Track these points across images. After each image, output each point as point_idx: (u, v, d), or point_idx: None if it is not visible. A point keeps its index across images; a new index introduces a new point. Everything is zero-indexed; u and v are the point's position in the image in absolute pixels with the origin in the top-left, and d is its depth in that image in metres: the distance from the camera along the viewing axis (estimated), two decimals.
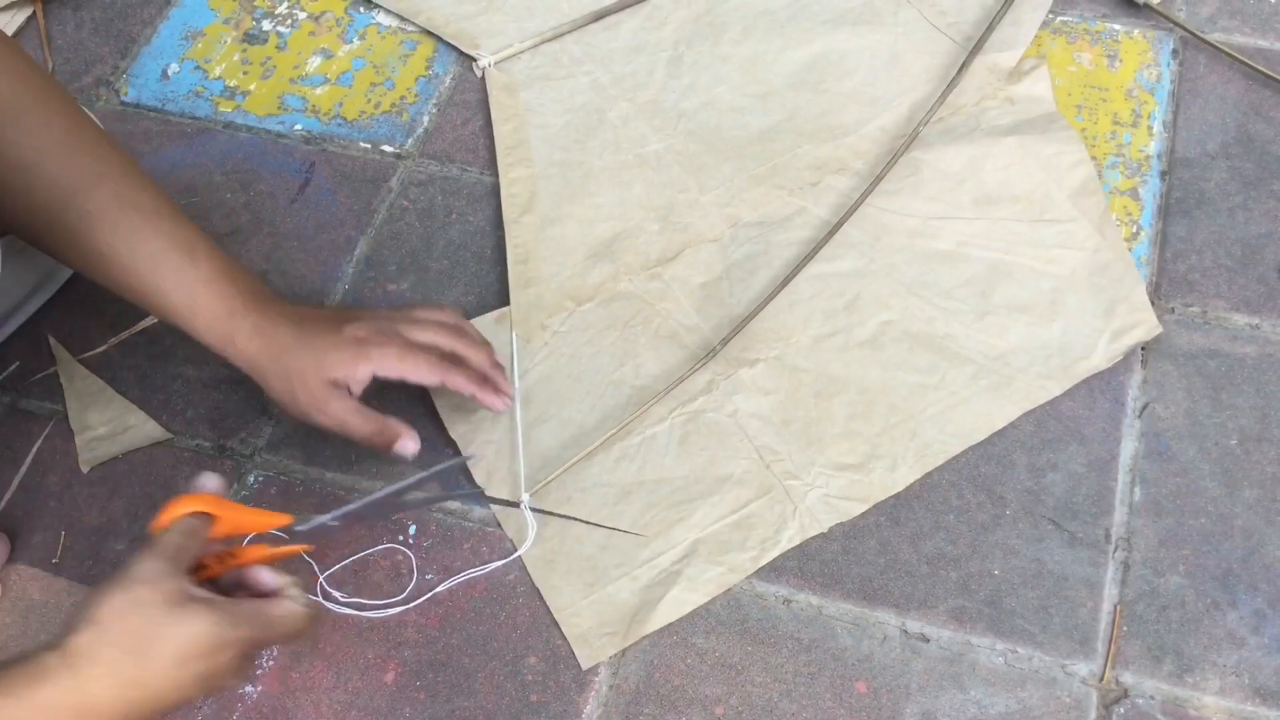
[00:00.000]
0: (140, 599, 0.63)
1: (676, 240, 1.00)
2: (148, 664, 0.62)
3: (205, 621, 0.64)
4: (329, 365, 0.79)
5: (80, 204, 0.77)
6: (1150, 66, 1.06)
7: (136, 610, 0.63)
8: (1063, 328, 0.91)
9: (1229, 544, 0.82)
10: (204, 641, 0.64)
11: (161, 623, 0.63)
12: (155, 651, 0.62)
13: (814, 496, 0.86)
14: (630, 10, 1.15)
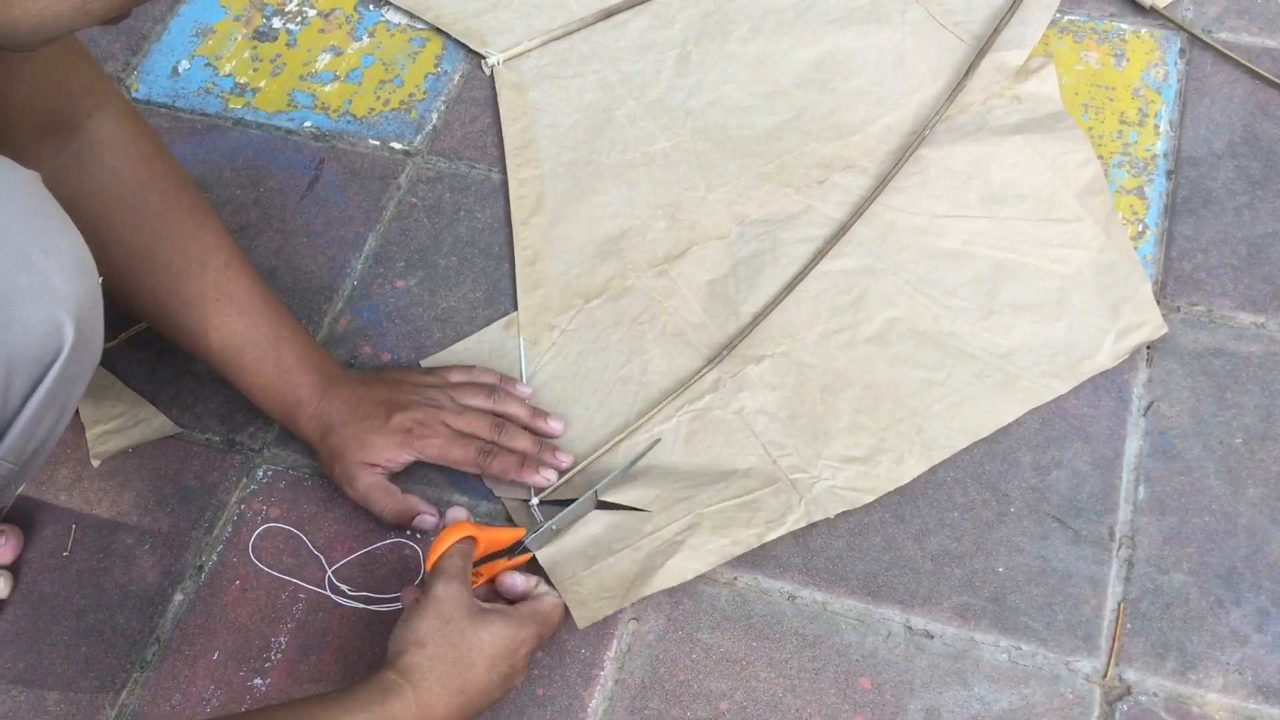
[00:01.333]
0: (448, 617, 0.73)
1: (684, 238, 1.00)
2: (467, 671, 0.72)
3: (503, 626, 0.74)
4: (373, 451, 0.86)
5: (181, 290, 0.85)
6: (1157, 66, 1.06)
7: (448, 627, 0.73)
8: (1068, 327, 0.92)
9: (1233, 542, 0.83)
10: (506, 644, 0.74)
11: (470, 634, 0.73)
12: (471, 659, 0.72)
13: (820, 488, 0.86)
14: (638, 9, 1.15)
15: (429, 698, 0.70)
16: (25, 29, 0.58)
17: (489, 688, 0.73)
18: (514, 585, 0.80)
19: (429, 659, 0.71)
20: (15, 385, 0.65)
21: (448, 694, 0.71)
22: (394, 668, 0.71)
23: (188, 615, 0.86)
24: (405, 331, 0.98)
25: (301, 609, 0.85)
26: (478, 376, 0.92)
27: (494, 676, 0.73)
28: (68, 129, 0.82)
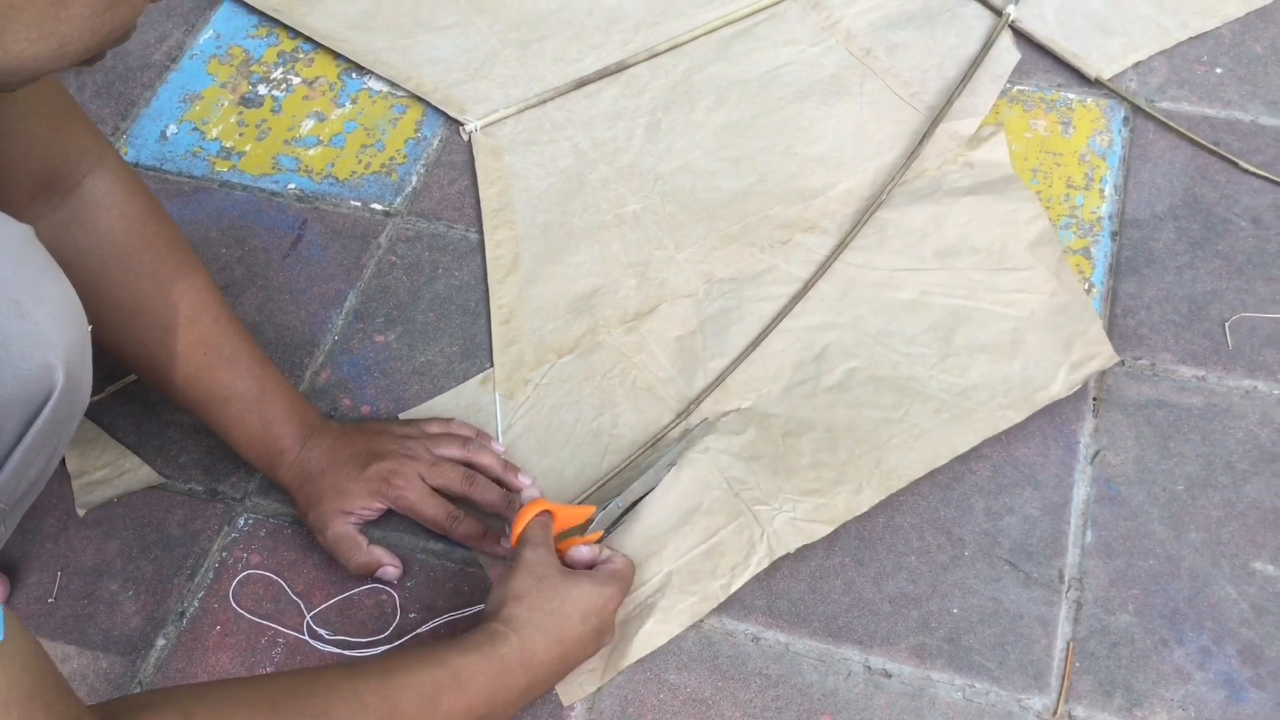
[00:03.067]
0: (540, 575, 0.79)
1: (653, 296, 1.05)
2: (563, 622, 0.78)
3: (591, 583, 0.81)
4: (348, 499, 0.89)
5: (171, 344, 0.88)
6: (1102, 133, 1.12)
7: (542, 584, 0.79)
8: (1023, 363, 0.96)
9: (1176, 584, 0.87)
10: (595, 599, 0.80)
11: (563, 590, 0.79)
12: (566, 611, 0.78)
13: (781, 520, 0.89)
14: (610, 79, 1.20)
15: (531, 643, 0.77)
16: (4, 70, 0.61)
17: (584, 639, 0.80)
18: (582, 556, 0.85)
19: (528, 610, 0.78)
20: (7, 427, 0.67)
21: (547, 641, 0.77)
22: (496, 619, 0.77)
23: (169, 660, 0.88)
24: (384, 385, 1.02)
25: (280, 653, 0.88)
26: (455, 429, 0.95)
27: (587, 629, 0.80)
28: (64, 188, 0.85)
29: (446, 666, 0.73)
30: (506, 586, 0.79)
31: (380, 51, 1.25)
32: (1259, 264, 1.02)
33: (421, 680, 0.72)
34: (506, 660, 0.75)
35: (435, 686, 0.72)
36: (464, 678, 0.73)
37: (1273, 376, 0.96)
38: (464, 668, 0.73)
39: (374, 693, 0.69)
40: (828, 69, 1.18)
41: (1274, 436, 0.92)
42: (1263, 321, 0.99)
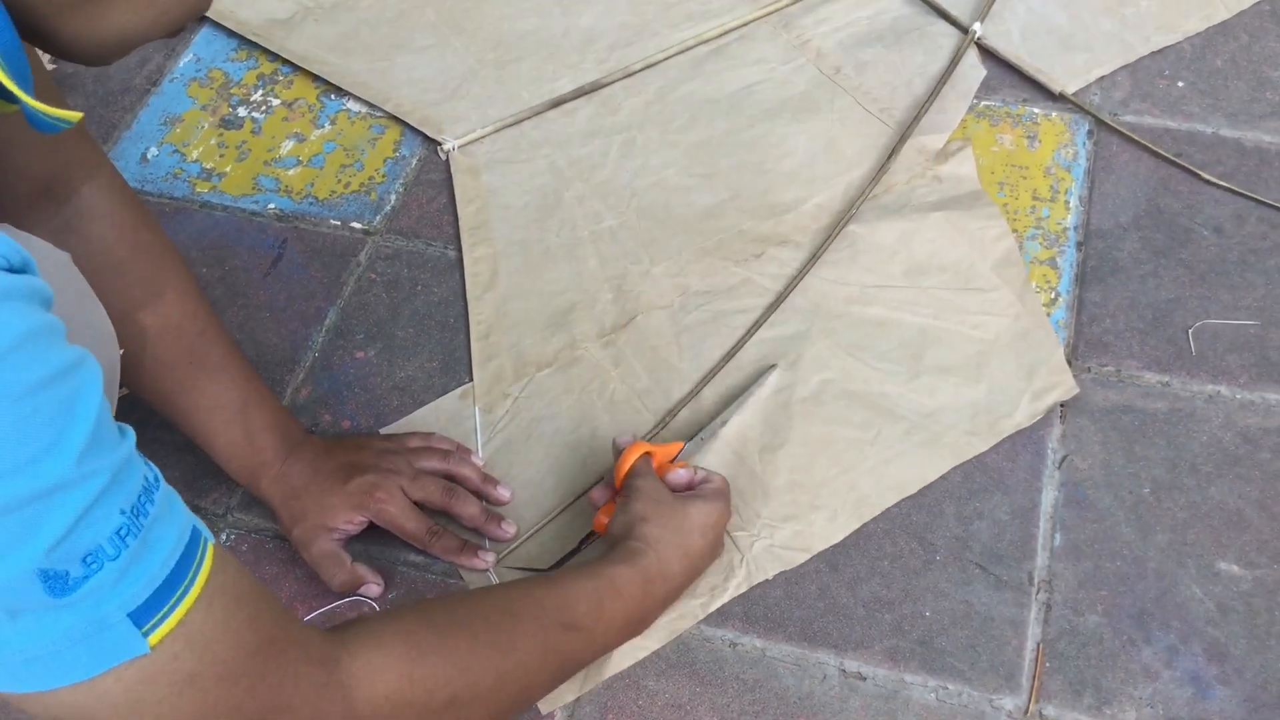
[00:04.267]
0: (658, 499, 0.86)
1: (629, 309, 1.06)
2: (687, 537, 0.85)
3: (702, 502, 0.87)
4: (331, 513, 0.90)
5: (158, 352, 0.89)
6: (1067, 146, 1.14)
7: (661, 506, 0.86)
8: (988, 388, 0.98)
9: (1143, 585, 0.88)
10: (709, 516, 0.86)
11: (681, 510, 0.86)
12: (688, 528, 0.85)
13: (760, 546, 0.91)
14: (586, 98, 1.22)
15: (665, 556, 0.83)
16: (111, 42, 0.62)
17: (704, 552, 0.86)
18: (680, 479, 0.90)
19: (656, 529, 0.84)
20: None
21: (677, 555, 0.84)
22: (634, 537, 0.83)
23: None
24: (364, 400, 1.03)
25: None
26: (435, 443, 0.97)
27: (706, 543, 0.86)
28: (61, 196, 0.86)
29: (603, 576, 0.80)
30: (629, 514, 0.85)
31: (358, 73, 1.26)
32: (1221, 272, 1.04)
33: (584, 587, 0.79)
34: (649, 571, 0.82)
35: (597, 592, 0.79)
36: (618, 585, 0.80)
37: (1235, 381, 0.98)
38: (617, 576, 0.80)
39: (552, 600, 0.77)
40: (798, 87, 1.21)
41: (1237, 440, 0.95)
42: (1225, 328, 1.01)
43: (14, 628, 0.51)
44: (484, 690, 0.71)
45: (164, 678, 0.55)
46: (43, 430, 0.49)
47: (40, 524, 0.49)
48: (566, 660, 0.79)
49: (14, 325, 0.49)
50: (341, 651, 0.65)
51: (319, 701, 0.62)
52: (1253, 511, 0.91)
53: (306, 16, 1.32)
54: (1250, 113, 1.15)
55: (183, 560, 0.55)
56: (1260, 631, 0.86)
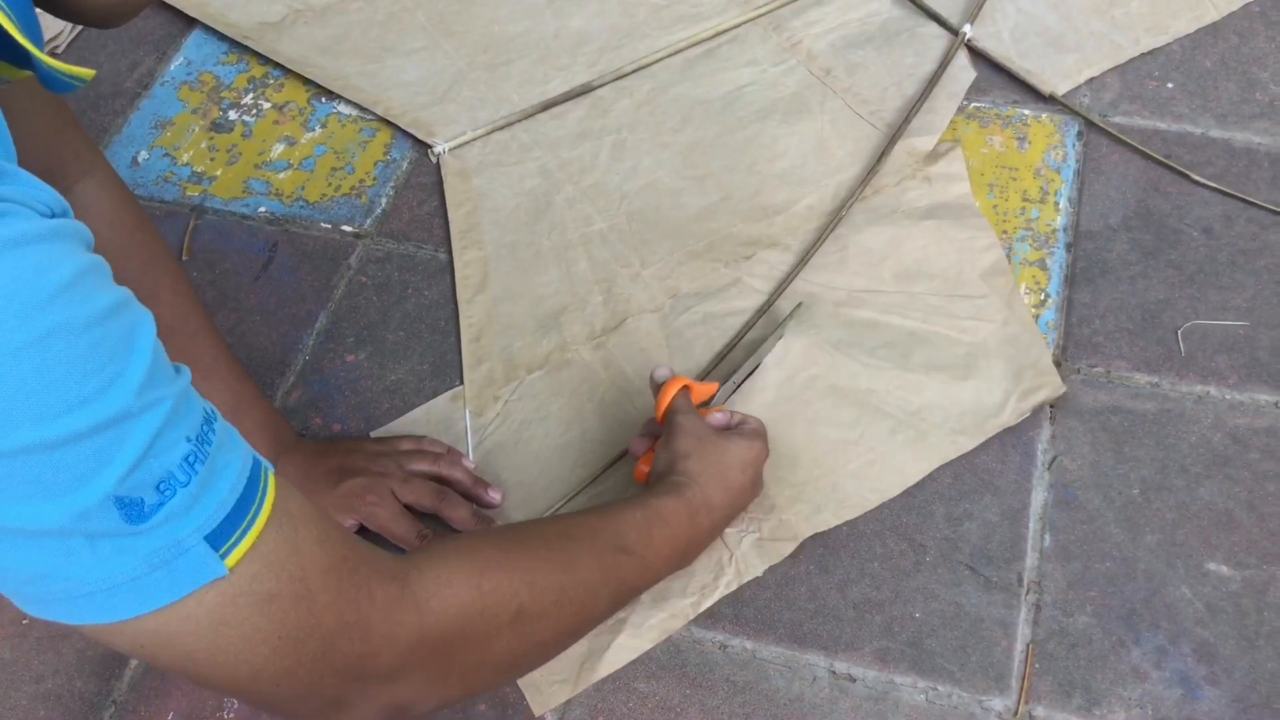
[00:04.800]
0: (699, 435, 0.88)
1: (619, 311, 1.06)
2: (728, 472, 0.87)
3: (741, 439, 0.89)
4: None
5: None
6: (1057, 148, 1.14)
7: (702, 442, 0.87)
8: (975, 387, 0.98)
9: (1132, 585, 0.88)
10: (748, 453, 0.88)
11: (721, 445, 0.88)
12: (728, 463, 0.87)
13: (748, 542, 0.91)
14: (576, 100, 1.23)
15: (708, 490, 0.85)
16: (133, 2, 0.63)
17: (745, 488, 0.88)
18: (718, 420, 0.92)
19: (697, 463, 0.86)
20: None
21: (719, 489, 0.86)
22: (673, 474, 0.85)
23: (144, 678, 0.89)
24: (355, 403, 1.03)
25: None
26: (427, 446, 0.97)
27: (746, 478, 0.88)
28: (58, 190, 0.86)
29: (650, 506, 0.82)
30: (671, 449, 0.87)
31: (349, 76, 1.26)
32: (1210, 273, 1.04)
33: (634, 515, 0.81)
34: (693, 502, 0.84)
35: (646, 521, 0.81)
36: (665, 514, 0.82)
37: (1224, 382, 0.98)
38: (663, 506, 0.82)
39: (605, 526, 0.80)
40: (789, 88, 1.21)
41: (1226, 440, 0.95)
42: (1214, 329, 1.01)
43: (96, 557, 0.52)
44: (547, 606, 0.73)
45: (244, 598, 0.56)
46: (107, 362, 0.51)
47: (113, 452, 0.50)
48: (621, 583, 0.80)
49: (70, 262, 0.50)
50: (410, 568, 0.66)
51: (393, 614, 0.63)
52: (1242, 512, 0.91)
53: (297, 19, 1.32)
54: (1239, 114, 1.16)
55: (249, 486, 0.57)
56: (1249, 632, 0.86)
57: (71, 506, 0.50)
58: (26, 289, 0.49)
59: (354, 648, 0.61)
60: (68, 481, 0.50)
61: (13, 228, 0.49)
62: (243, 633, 0.57)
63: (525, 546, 0.74)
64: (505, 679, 0.76)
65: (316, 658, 0.60)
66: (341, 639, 0.61)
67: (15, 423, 0.48)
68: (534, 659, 0.76)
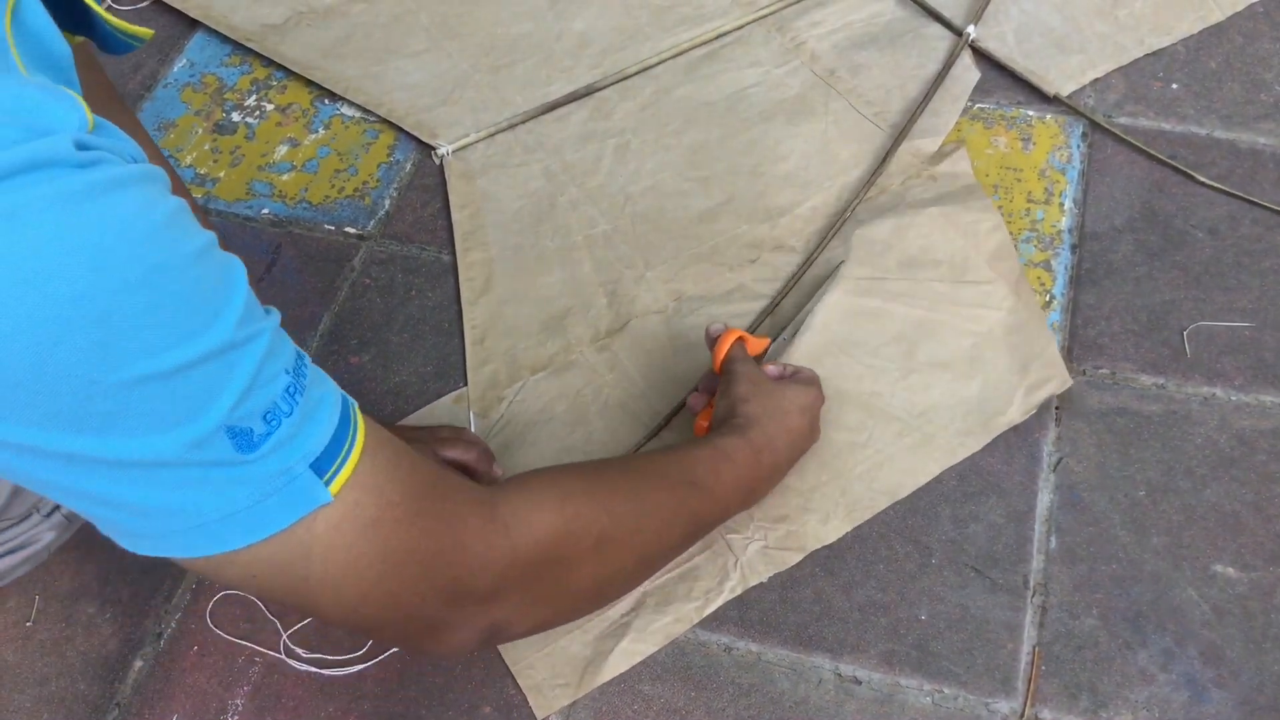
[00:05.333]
0: (756, 381, 0.89)
1: (624, 313, 1.06)
2: (786, 417, 0.88)
3: (797, 384, 0.91)
4: None
5: None
6: (1061, 148, 1.14)
7: (759, 388, 0.89)
8: (981, 384, 0.98)
9: (1139, 588, 0.88)
10: (805, 398, 0.90)
11: (778, 391, 0.89)
12: (786, 407, 0.88)
13: (753, 549, 0.91)
14: (579, 102, 1.22)
15: (769, 432, 0.86)
16: None
17: (803, 432, 0.89)
18: (772, 372, 0.93)
19: (757, 407, 0.87)
20: None
21: (779, 431, 0.87)
22: (734, 417, 0.86)
23: (147, 681, 0.89)
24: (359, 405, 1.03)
25: (258, 672, 0.89)
26: (466, 436, 0.95)
27: (804, 422, 0.89)
28: None
29: (717, 446, 0.83)
30: (730, 396, 0.88)
31: (352, 79, 1.26)
32: (1215, 274, 1.04)
33: (701, 453, 0.83)
34: (756, 442, 0.85)
35: (713, 458, 0.83)
36: (731, 453, 0.84)
37: (1230, 383, 0.98)
38: (727, 446, 0.84)
39: (675, 462, 0.82)
40: (793, 90, 1.21)
41: (1232, 442, 0.94)
42: (1220, 330, 1.01)
43: (210, 488, 0.54)
44: (626, 533, 0.75)
45: (349, 524, 0.59)
46: (210, 297, 0.53)
47: (222, 383, 0.53)
48: (693, 516, 0.82)
49: (164, 203, 0.52)
50: (496, 494, 0.69)
51: (485, 537, 0.66)
52: (1248, 514, 0.91)
53: (300, 22, 1.32)
54: (1244, 114, 1.15)
55: (342, 418, 0.59)
56: (1256, 634, 0.85)
57: (185, 436, 0.52)
58: (131, 228, 0.50)
59: (451, 570, 0.64)
60: (182, 412, 0.52)
61: (112, 171, 0.50)
62: (349, 557, 0.59)
63: (603, 478, 0.77)
64: (591, 605, 0.80)
65: (418, 580, 0.63)
66: (440, 561, 0.63)
67: (130, 356, 0.50)
68: (616, 586, 0.80)
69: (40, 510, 0.78)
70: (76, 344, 0.49)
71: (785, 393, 0.89)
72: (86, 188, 0.49)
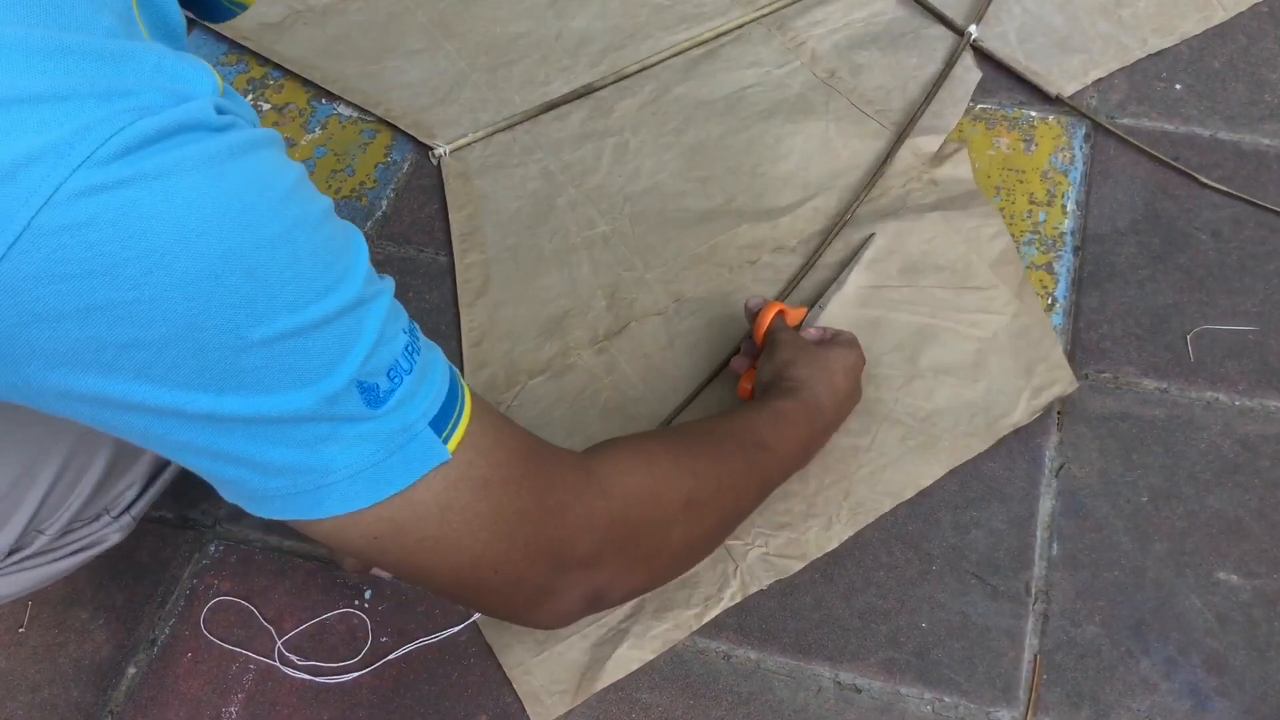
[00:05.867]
0: (800, 346, 0.92)
1: (623, 315, 1.05)
2: (832, 378, 0.89)
3: (839, 347, 0.93)
4: None
5: None
6: (1064, 150, 1.13)
7: (803, 352, 0.91)
8: (986, 387, 0.97)
9: (1141, 595, 0.87)
10: (848, 359, 0.92)
11: (822, 354, 0.91)
12: (831, 369, 0.90)
13: (754, 555, 0.90)
14: (578, 101, 1.21)
15: (817, 393, 0.88)
16: None
17: (849, 393, 0.91)
18: (812, 335, 0.95)
19: (803, 369, 0.89)
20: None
21: (826, 392, 0.88)
22: (781, 381, 0.88)
23: (140, 687, 0.88)
24: None
25: (251, 679, 0.88)
26: None
27: (849, 383, 0.91)
28: None
29: (773, 409, 0.85)
30: (775, 361, 0.90)
31: (349, 78, 1.25)
32: (1219, 277, 1.03)
33: (762, 415, 0.84)
34: (807, 404, 0.87)
35: (772, 420, 0.84)
36: (785, 414, 0.85)
37: (1234, 388, 0.97)
38: (782, 408, 0.85)
39: (740, 425, 0.83)
40: (793, 89, 1.20)
41: (1235, 447, 0.94)
42: (1223, 334, 1.00)
43: (340, 443, 0.56)
44: (709, 494, 0.76)
45: (464, 483, 0.60)
46: (340, 253, 0.55)
47: (354, 337, 0.54)
48: (764, 476, 0.83)
49: (293, 164, 0.54)
50: (588, 458, 0.70)
51: (585, 500, 0.67)
52: (1252, 520, 0.90)
53: (297, 20, 1.31)
54: (1248, 115, 1.14)
55: (451, 380, 0.61)
56: (1260, 643, 0.85)
57: (321, 391, 0.54)
58: (271, 187, 0.52)
59: (557, 533, 0.65)
60: (319, 367, 0.53)
61: (247, 134, 0.52)
62: (465, 518, 0.61)
63: (682, 442, 0.78)
64: (681, 568, 0.80)
65: (528, 542, 0.64)
66: (546, 523, 0.65)
67: (275, 310, 0.51)
68: (703, 547, 0.80)
69: (111, 512, 0.79)
70: (227, 300, 0.50)
71: (829, 355, 0.91)
72: (228, 149, 0.50)
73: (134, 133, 0.47)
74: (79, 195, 0.46)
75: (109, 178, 0.47)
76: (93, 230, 0.47)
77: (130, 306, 0.49)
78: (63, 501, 0.75)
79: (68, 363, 0.50)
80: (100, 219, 0.47)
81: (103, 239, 0.47)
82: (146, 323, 0.49)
